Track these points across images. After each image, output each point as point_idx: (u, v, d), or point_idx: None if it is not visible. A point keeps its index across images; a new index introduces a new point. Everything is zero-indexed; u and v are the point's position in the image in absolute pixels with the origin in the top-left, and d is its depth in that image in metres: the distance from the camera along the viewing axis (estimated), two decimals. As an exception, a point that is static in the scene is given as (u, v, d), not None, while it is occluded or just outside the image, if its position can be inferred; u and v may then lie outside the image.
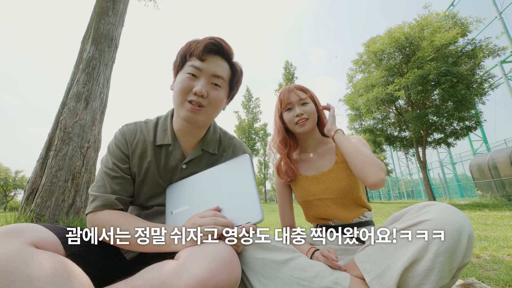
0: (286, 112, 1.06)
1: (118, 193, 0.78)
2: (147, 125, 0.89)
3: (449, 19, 9.43)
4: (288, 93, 1.05)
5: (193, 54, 0.78)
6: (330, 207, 0.99)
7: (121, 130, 0.87)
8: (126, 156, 0.83)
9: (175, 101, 0.81)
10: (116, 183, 0.79)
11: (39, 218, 2.30)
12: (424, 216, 0.67)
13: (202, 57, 0.77)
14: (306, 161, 1.09)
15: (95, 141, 2.88)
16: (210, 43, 0.77)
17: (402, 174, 29.69)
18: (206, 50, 0.77)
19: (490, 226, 3.32)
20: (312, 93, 1.08)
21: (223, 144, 0.95)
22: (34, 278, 0.46)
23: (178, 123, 0.86)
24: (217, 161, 0.92)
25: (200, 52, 0.76)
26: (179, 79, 0.80)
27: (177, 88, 0.79)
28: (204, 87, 0.77)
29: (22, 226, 0.56)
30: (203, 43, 0.77)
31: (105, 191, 0.76)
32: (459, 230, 0.61)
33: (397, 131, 11.53)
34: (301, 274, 0.77)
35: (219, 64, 0.80)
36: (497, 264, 1.51)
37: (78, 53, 3.21)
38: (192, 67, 0.77)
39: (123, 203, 0.79)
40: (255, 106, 30.02)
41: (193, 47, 0.78)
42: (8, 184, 33.66)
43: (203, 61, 0.78)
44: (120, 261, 0.76)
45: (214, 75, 0.79)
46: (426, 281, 0.63)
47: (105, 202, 0.74)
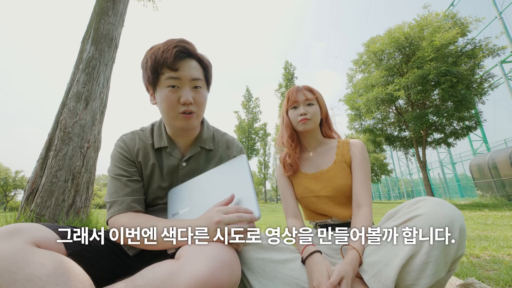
0: (291, 109, 1.10)
1: (133, 195, 0.79)
2: (144, 132, 0.92)
3: (449, 19, 9.43)
4: (296, 92, 1.09)
5: (163, 65, 0.76)
6: (327, 205, 1.01)
7: (120, 139, 0.89)
8: (132, 161, 0.85)
9: (166, 116, 0.82)
10: (128, 186, 0.80)
11: (39, 218, 2.31)
12: (417, 211, 0.69)
13: (175, 66, 0.76)
14: (306, 160, 1.12)
15: (95, 141, 2.88)
16: (178, 51, 0.76)
17: (402, 174, 29.71)
18: (177, 58, 0.76)
19: (490, 226, 3.32)
20: (319, 95, 1.12)
21: (217, 140, 0.98)
22: (35, 277, 0.46)
23: (172, 129, 0.88)
24: (213, 156, 0.95)
25: (172, 62, 0.75)
26: (162, 96, 0.79)
27: (164, 104, 0.79)
28: (189, 95, 0.78)
29: (23, 226, 0.56)
30: (171, 52, 0.75)
31: (120, 195, 0.77)
32: (451, 223, 0.63)
33: (397, 131, 11.54)
34: (300, 275, 0.77)
35: (192, 67, 0.80)
36: (497, 264, 1.52)
37: (78, 53, 3.21)
38: (170, 79, 0.77)
39: (140, 204, 0.80)
40: (255, 106, 30.04)
41: (160, 58, 0.75)
42: (8, 184, 33.65)
43: (177, 70, 0.77)
44: (121, 260, 0.76)
45: (193, 79, 0.79)
46: (422, 275, 0.64)
47: (123, 206, 0.75)
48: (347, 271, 0.70)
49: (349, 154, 1.04)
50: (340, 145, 1.08)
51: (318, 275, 0.71)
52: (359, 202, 0.92)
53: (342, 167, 1.02)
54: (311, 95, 1.08)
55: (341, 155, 1.05)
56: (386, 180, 33.05)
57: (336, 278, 0.68)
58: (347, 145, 1.06)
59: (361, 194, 0.93)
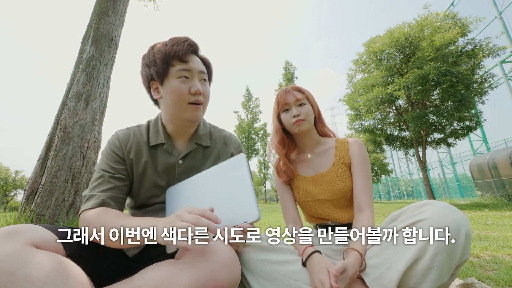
0: (283, 113, 1.07)
1: (112, 192, 0.78)
2: (140, 128, 0.91)
3: (449, 19, 9.42)
4: (285, 94, 1.06)
5: (174, 57, 0.80)
6: (328, 208, 1.00)
7: (114, 135, 0.89)
8: (121, 159, 0.85)
9: (175, 107, 0.82)
10: (110, 183, 0.79)
11: (39, 218, 2.30)
12: (422, 215, 0.67)
13: (186, 59, 0.81)
14: (304, 162, 1.09)
15: (95, 141, 2.87)
16: (188, 44, 0.82)
17: (402, 174, 29.70)
18: (188, 51, 0.82)
19: (490, 226, 3.32)
20: (309, 93, 1.09)
21: (214, 137, 0.98)
22: (34, 278, 0.46)
23: (174, 124, 0.88)
24: (211, 152, 0.95)
25: (183, 54, 0.80)
26: (171, 87, 0.80)
27: (174, 95, 0.80)
28: (199, 85, 0.83)
29: (22, 227, 0.56)
30: (182, 45, 0.81)
31: (98, 190, 0.76)
32: (457, 228, 0.62)
33: (397, 131, 11.53)
34: (301, 277, 0.76)
35: (198, 61, 0.86)
36: (497, 264, 1.51)
37: (78, 53, 3.21)
38: (183, 71, 0.81)
39: (116, 201, 0.78)
40: (255, 106, 30.02)
41: (171, 51, 0.80)
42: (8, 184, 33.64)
43: (188, 62, 0.81)
44: (120, 261, 0.76)
45: (201, 72, 0.85)
46: (425, 279, 0.63)
47: (97, 201, 0.73)
48: (348, 267, 0.69)
49: (348, 155, 1.01)
50: (338, 145, 1.05)
51: (318, 273, 0.72)
52: (360, 205, 0.91)
53: (342, 169, 1.00)
54: (300, 95, 1.05)
55: (340, 156, 1.02)
56: (386, 180, 33.05)
57: (338, 269, 0.67)
58: (346, 145, 1.03)
59: (362, 197, 0.92)
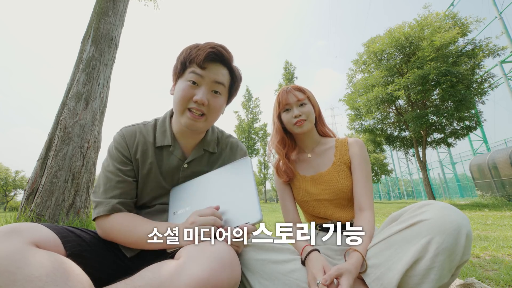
0: (284, 113, 1.06)
1: (121, 197, 0.79)
2: (146, 126, 0.89)
3: (449, 19, 9.43)
4: (286, 94, 1.05)
5: (193, 61, 0.78)
6: (327, 208, 1.00)
7: (119, 133, 0.87)
8: (127, 159, 0.84)
9: (175, 108, 0.82)
10: (118, 188, 0.79)
11: (39, 218, 2.30)
12: (422, 216, 0.67)
13: (203, 65, 0.78)
14: (304, 161, 1.09)
15: (95, 141, 2.87)
16: (211, 52, 0.77)
17: (402, 174, 29.69)
18: (208, 58, 0.78)
19: (490, 226, 3.32)
20: (310, 93, 1.08)
21: (221, 143, 0.97)
22: (34, 278, 0.46)
23: (178, 126, 0.86)
24: (217, 159, 0.94)
25: (201, 60, 0.77)
26: (180, 87, 0.80)
27: (177, 95, 0.80)
28: (205, 96, 0.79)
29: (22, 226, 0.56)
30: (205, 52, 0.77)
31: (108, 197, 0.77)
32: (458, 229, 0.61)
33: (397, 131, 11.53)
34: (301, 276, 0.76)
35: (219, 72, 0.81)
36: (497, 264, 1.51)
37: (78, 53, 3.21)
38: (193, 74, 0.78)
39: (126, 206, 0.79)
40: (255, 106, 29.99)
41: (194, 54, 0.77)
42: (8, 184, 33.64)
43: (204, 69, 0.78)
44: (120, 261, 0.76)
45: (215, 82, 0.80)
46: (425, 280, 0.63)
47: (108, 207, 0.75)
48: (348, 269, 0.69)
49: (348, 155, 1.01)
50: (338, 144, 1.05)
51: (313, 270, 0.73)
52: (361, 205, 0.91)
53: (342, 169, 1.00)
54: (302, 95, 1.04)
55: (340, 155, 1.02)
56: (386, 180, 33.04)
57: (333, 273, 0.67)
58: (346, 145, 1.03)
59: (362, 197, 0.92)
